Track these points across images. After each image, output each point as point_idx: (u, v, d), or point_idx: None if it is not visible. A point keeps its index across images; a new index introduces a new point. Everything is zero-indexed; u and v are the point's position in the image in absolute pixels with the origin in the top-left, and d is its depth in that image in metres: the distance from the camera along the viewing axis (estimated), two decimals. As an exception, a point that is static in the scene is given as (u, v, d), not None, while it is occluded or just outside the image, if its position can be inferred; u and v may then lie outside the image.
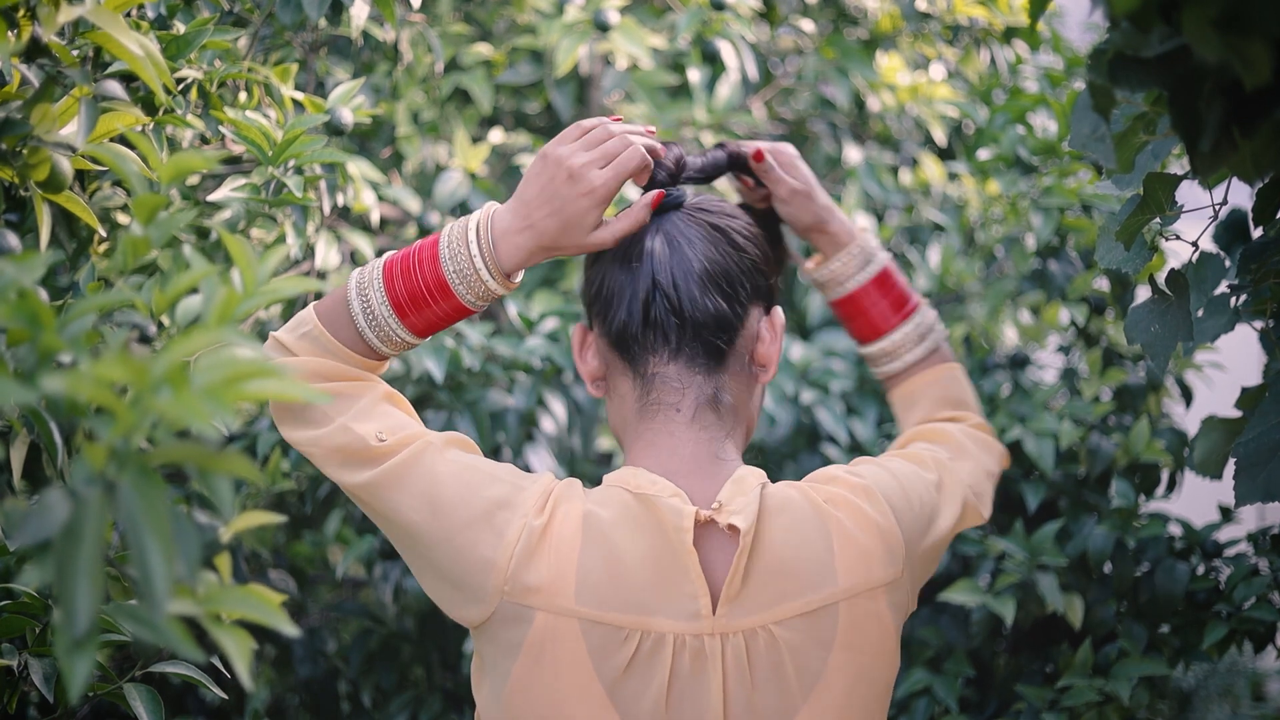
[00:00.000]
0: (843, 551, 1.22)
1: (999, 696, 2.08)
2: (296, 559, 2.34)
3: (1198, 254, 1.31)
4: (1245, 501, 1.26)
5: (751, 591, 1.20)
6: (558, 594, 1.19)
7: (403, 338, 1.29)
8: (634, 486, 1.23)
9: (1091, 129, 1.22)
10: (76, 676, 0.73)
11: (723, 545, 1.22)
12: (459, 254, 1.26)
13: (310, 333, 1.29)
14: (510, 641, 1.21)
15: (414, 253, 1.29)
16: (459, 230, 1.28)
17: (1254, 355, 2.44)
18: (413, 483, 1.24)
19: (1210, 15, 0.84)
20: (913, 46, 2.75)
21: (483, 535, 1.21)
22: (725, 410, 1.31)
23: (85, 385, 0.72)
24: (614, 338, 1.31)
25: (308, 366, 1.28)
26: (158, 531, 0.72)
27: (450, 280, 1.27)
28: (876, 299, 1.52)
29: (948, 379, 1.55)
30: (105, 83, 1.34)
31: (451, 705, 2.29)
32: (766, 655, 1.20)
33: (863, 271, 1.51)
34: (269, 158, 1.56)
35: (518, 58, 2.36)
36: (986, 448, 1.51)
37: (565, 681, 1.19)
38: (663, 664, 1.18)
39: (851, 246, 1.51)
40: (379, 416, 1.27)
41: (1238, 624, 1.85)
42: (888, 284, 1.53)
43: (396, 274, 1.28)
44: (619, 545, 1.20)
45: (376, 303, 1.27)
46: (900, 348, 1.53)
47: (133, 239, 1.01)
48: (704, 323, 1.29)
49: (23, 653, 1.29)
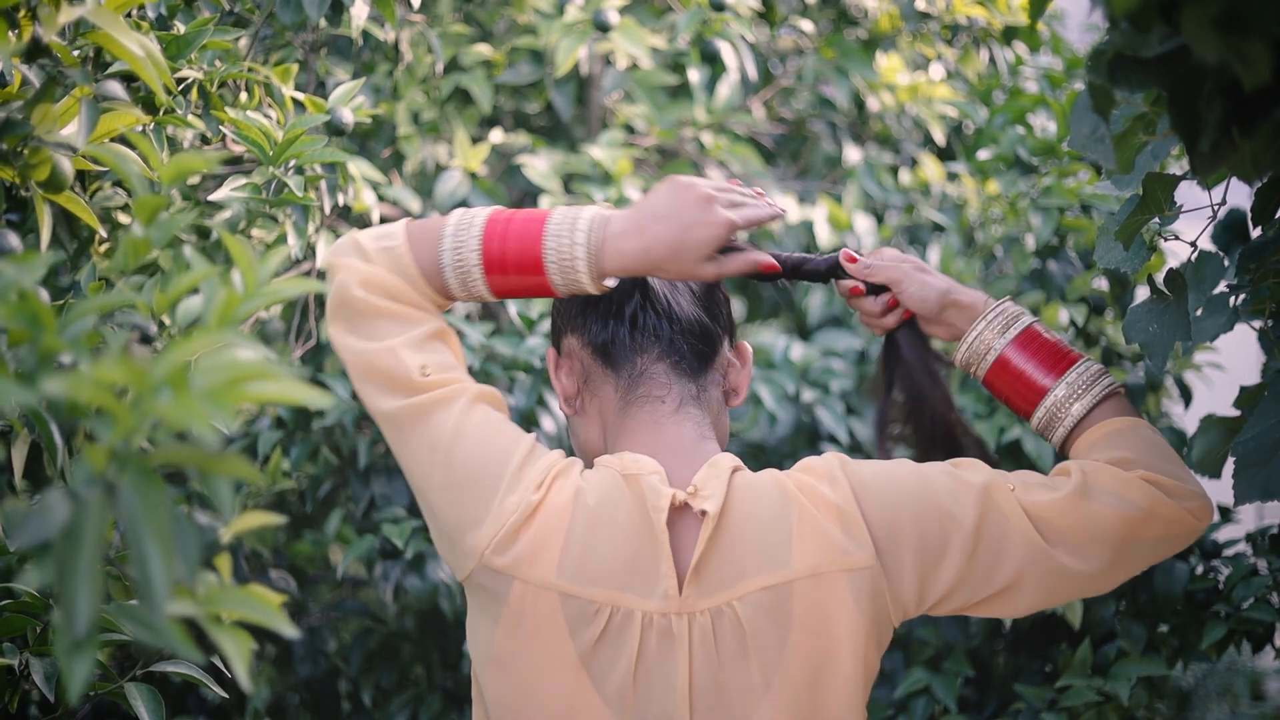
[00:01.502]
0: (800, 533, 1.23)
1: (998, 696, 2.08)
2: (297, 558, 2.34)
3: (1196, 254, 1.31)
4: (1245, 500, 1.26)
5: (715, 570, 1.23)
6: (540, 566, 1.22)
7: (480, 291, 1.30)
8: (620, 466, 1.26)
9: (1091, 129, 1.22)
10: (77, 677, 0.73)
11: (693, 528, 1.25)
12: (562, 241, 1.27)
13: (394, 248, 1.29)
14: (487, 605, 1.25)
15: (520, 221, 1.29)
16: (568, 219, 1.28)
17: (1253, 355, 2.44)
18: (436, 424, 1.26)
19: (1210, 15, 0.84)
20: (912, 46, 2.75)
21: (482, 496, 1.24)
22: (706, 407, 1.34)
23: (86, 387, 0.72)
24: (598, 345, 1.33)
25: (377, 277, 1.28)
26: (158, 533, 0.73)
27: (546, 261, 1.27)
28: (1026, 359, 1.35)
29: (1119, 431, 1.32)
30: (106, 83, 1.34)
31: (451, 704, 2.29)
32: (732, 635, 1.23)
33: (1007, 333, 1.35)
34: (270, 158, 1.56)
35: (518, 58, 2.36)
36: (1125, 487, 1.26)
37: (542, 650, 1.23)
38: (631, 640, 1.22)
39: (987, 311, 1.36)
40: (429, 350, 1.29)
41: (1236, 624, 1.85)
42: (1036, 342, 1.35)
43: (497, 234, 1.29)
44: (600, 523, 1.23)
45: (469, 250, 1.29)
46: (1065, 402, 1.33)
47: (134, 240, 1.01)
48: (691, 328, 1.33)
49: (24, 652, 1.29)
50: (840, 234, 2.61)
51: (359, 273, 1.28)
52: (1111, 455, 1.29)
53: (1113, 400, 1.33)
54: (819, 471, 1.27)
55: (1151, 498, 1.26)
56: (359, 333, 1.29)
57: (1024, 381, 1.34)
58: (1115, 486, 1.26)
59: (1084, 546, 1.26)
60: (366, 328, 1.29)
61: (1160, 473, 1.28)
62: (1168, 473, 1.28)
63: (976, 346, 1.36)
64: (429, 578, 1.98)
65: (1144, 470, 1.27)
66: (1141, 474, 1.27)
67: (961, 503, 1.25)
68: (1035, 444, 2.01)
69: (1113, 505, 1.25)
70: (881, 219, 2.60)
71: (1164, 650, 1.93)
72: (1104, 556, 1.26)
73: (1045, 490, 1.27)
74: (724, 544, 1.23)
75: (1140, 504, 1.26)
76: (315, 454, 2.07)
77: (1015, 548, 1.25)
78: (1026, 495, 1.26)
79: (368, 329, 1.28)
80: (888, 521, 1.25)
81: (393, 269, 1.29)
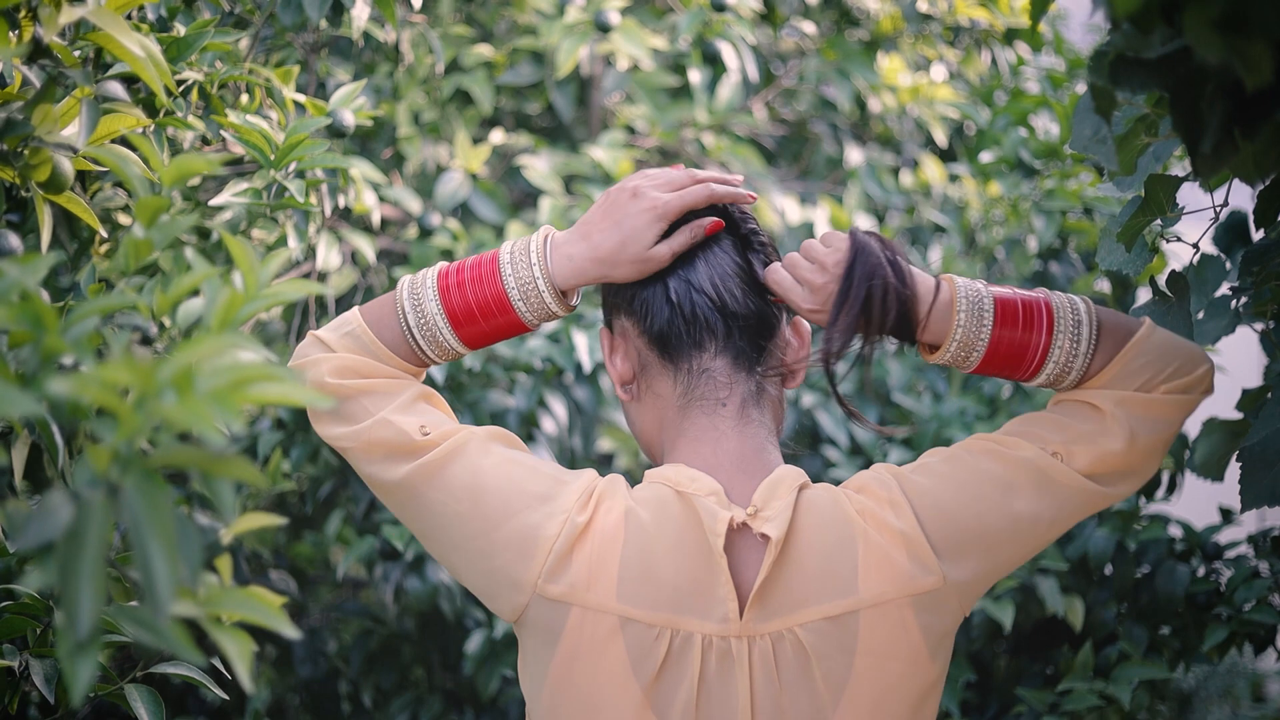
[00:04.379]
0: (866, 562, 1.21)
1: (1000, 699, 2.08)
2: (297, 559, 2.34)
3: (1198, 256, 1.31)
4: (1252, 505, 1.25)
5: (778, 595, 1.21)
6: (597, 590, 1.20)
7: (454, 347, 1.31)
8: (675, 483, 1.24)
9: (1093, 131, 1.22)
10: (79, 679, 0.73)
11: (755, 549, 1.22)
12: (519, 268, 1.28)
13: (353, 332, 1.30)
14: (546, 636, 1.22)
15: (472, 265, 1.30)
16: (520, 247, 1.29)
17: (1255, 357, 2.44)
18: (455, 475, 1.25)
19: (1211, 16, 0.84)
20: (914, 48, 2.75)
21: (523, 529, 1.22)
22: (767, 406, 1.31)
23: (90, 389, 0.72)
24: (654, 336, 1.30)
25: (345, 362, 1.29)
26: (161, 535, 0.72)
27: (511, 295, 1.28)
28: (1013, 337, 1.25)
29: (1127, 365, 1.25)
30: (106, 84, 1.34)
31: (452, 705, 2.29)
32: (794, 659, 1.21)
33: (984, 323, 1.24)
34: (271, 161, 1.56)
35: (518, 59, 2.36)
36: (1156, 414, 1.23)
37: (603, 678, 1.20)
38: (692, 664, 1.20)
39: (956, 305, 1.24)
40: (419, 413, 1.28)
41: (1238, 626, 1.85)
42: (1011, 313, 1.25)
43: (452, 285, 1.29)
44: (655, 543, 1.21)
45: (432, 312, 1.29)
46: (1070, 362, 1.25)
47: (134, 241, 1.01)
48: (748, 320, 1.29)
49: (24, 653, 1.29)
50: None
51: (326, 362, 1.29)
52: (1135, 383, 1.24)
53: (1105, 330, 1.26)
54: (879, 495, 1.24)
55: (1183, 407, 1.24)
56: (345, 419, 1.28)
57: (1020, 358, 1.26)
58: (1151, 413, 1.23)
59: (1139, 473, 1.25)
60: (351, 411, 1.28)
61: (1180, 376, 1.24)
62: (1180, 369, 1.24)
63: (958, 351, 1.26)
64: (429, 579, 1.98)
65: (1165, 385, 1.24)
66: (1164, 389, 1.24)
67: (1023, 495, 1.23)
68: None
69: (1158, 431, 1.23)
70: (883, 220, 2.60)
71: (1165, 652, 1.93)
72: (1155, 466, 1.26)
73: (1092, 444, 1.23)
74: (787, 569, 1.21)
75: (1177, 419, 1.25)
76: (315, 455, 2.07)
77: (1075, 510, 1.24)
78: (1078, 461, 1.23)
79: (352, 412, 1.28)
80: (955, 539, 1.23)
81: (359, 350, 1.29)
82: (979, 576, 1.24)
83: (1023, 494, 1.23)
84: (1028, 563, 1.91)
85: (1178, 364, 1.24)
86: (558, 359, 2.03)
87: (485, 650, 2.07)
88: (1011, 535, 1.24)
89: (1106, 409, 1.24)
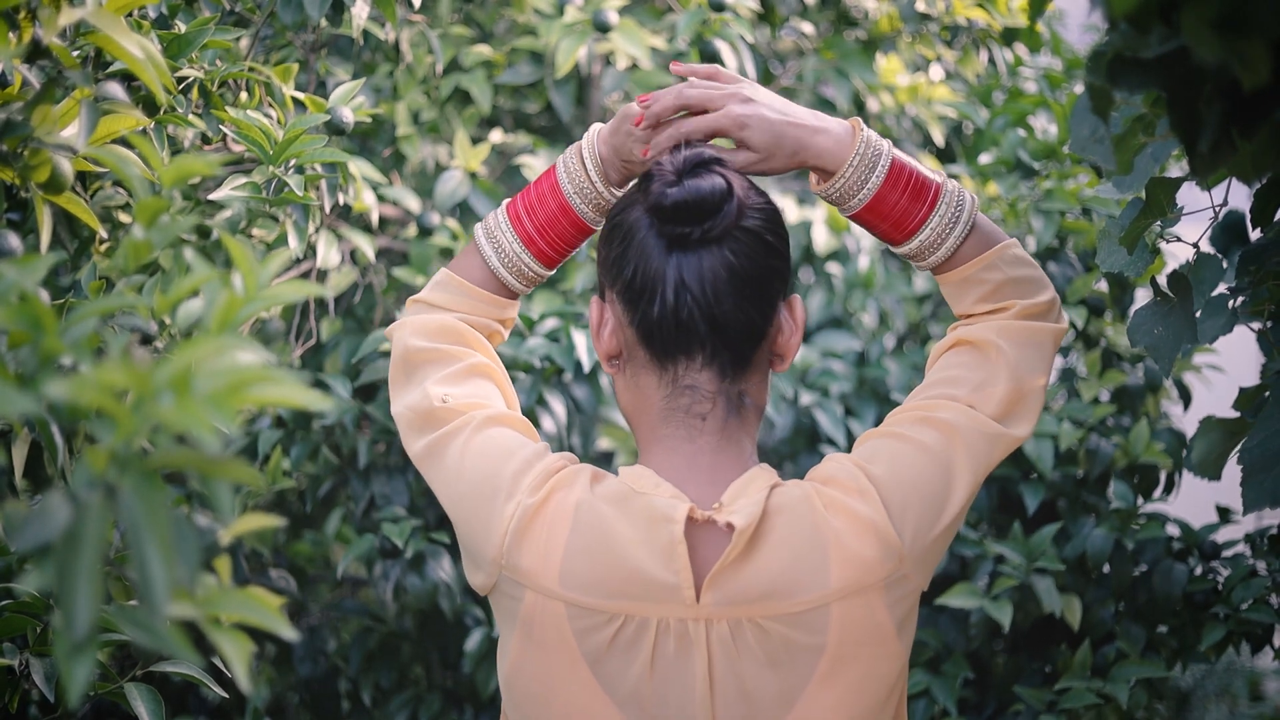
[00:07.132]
0: (838, 557, 1.22)
1: (997, 698, 2.08)
2: (297, 558, 2.34)
3: (1196, 256, 1.32)
4: (1254, 508, 1.25)
5: (740, 585, 1.22)
6: (543, 576, 1.24)
7: (533, 269, 1.40)
8: (637, 485, 1.25)
9: (1091, 131, 1.22)
10: (76, 680, 0.73)
11: (717, 540, 1.24)
12: (574, 171, 1.37)
13: (443, 281, 1.40)
14: (508, 614, 1.27)
15: (533, 188, 1.40)
16: (571, 151, 1.39)
17: (1252, 356, 2.44)
18: (451, 452, 1.30)
19: (1209, 16, 0.84)
20: (912, 48, 2.75)
21: (488, 508, 1.27)
22: (747, 411, 1.32)
23: (89, 391, 0.72)
24: (641, 330, 1.30)
25: (430, 322, 1.38)
26: (159, 536, 0.73)
27: (569, 198, 1.37)
28: (895, 198, 1.34)
29: (990, 264, 1.36)
30: (106, 84, 1.34)
31: (451, 704, 2.29)
32: (757, 646, 1.22)
33: (872, 178, 1.33)
34: (270, 157, 1.56)
35: (518, 58, 2.36)
36: (1029, 339, 1.34)
37: (553, 659, 1.24)
38: (645, 645, 1.22)
39: (851, 156, 1.33)
40: (462, 384, 1.34)
41: (1235, 625, 1.85)
42: (902, 178, 1.34)
43: (520, 212, 1.39)
44: (607, 534, 1.23)
45: (507, 242, 1.39)
46: (938, 239, 1.35)
47: (134, 242, 1.01)
48: (736, 332, 1.28)
49: (24, 652, 1.29)
50: (839, 235, 2.61)
51: (413, 324, 1.38)
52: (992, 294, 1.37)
53: (978, 227, 1.37)
54: (847, 485, 1.26)
55: (1052, 334, 1.37)
56: (407, 388, 1.36)
57: (892, 219, 1.35)
58: (1026, 338, 1.35)
59: (1031, 409, 1.35)
60: (412, 379, 1.36)
61: (1031, 296, 1.36)
62: (1031, 290, 1.37)
63: (845, 188, 1.34)
64: (429, 577, 1.98)
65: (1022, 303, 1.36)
66: (1021, 308, 1.36)
67: (959, 456, 1.29)
68: (1035, 446, 2.01)
69: (1036, 363, 1.35)
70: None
71: (1163, 651, 1.94)
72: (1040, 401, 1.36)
73: (992, 389, 1.32)
74: (754, 562, 1.22)
75: (1048, 344, 1.36)
76: (315, 453, 2.07)
77: (995, 457, 1.32)
78: (988, 407, 1.32)
79: (412, 380, 1.36)
80: (912, 516, 1.26)
81: (452, 298, 1.40)
82: (930, 547, 1.28)
83: (959, 455, 1.29)
84: (1026, 562, 1.91)
85: (1029, 285, 1.37)
86: (557, 358, 2.03)
87: (484, 648, 2.07)
88: (951, 496, 1.28)
89: (990, 341, 1.33)
